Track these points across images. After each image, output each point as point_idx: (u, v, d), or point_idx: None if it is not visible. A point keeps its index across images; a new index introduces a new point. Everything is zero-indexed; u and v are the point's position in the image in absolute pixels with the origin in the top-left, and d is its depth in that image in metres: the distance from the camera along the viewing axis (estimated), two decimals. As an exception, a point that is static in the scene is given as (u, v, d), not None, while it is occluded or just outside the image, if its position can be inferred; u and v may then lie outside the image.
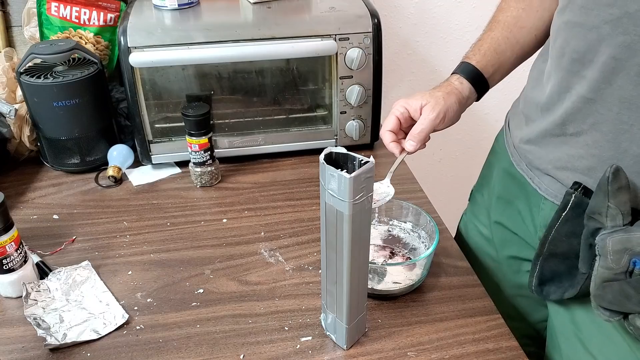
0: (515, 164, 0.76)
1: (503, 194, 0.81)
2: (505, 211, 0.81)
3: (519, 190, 0.77)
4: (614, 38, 0.56)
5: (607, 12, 0.56)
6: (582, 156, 0.63)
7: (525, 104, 0.75)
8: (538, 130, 0.70)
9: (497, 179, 0.83)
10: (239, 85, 1.00)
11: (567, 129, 0.64)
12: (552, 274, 0.68)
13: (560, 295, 0.67)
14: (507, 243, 0.82)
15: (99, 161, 1.00)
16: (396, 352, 0.65)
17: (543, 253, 0.68)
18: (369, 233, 0.59)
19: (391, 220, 0.80)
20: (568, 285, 0.66)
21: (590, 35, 0.59)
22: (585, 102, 0.61)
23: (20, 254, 0.72)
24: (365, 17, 0.95)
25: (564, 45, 0.63)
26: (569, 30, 0.62)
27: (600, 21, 0.57)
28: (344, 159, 0.57)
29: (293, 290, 0.74)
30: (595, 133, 0.61)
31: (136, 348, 0.66)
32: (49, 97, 0.92)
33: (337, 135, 1.03)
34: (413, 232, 0.79)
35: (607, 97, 0.59)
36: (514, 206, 0.79)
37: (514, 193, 0.78)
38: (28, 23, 1.07)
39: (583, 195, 0.62)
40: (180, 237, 0.84)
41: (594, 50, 0.59)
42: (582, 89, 0.61)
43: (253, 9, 0.99)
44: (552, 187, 0.69)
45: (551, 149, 0.68)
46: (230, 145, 1.01)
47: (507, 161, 0.79)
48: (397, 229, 0.80)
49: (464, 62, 0.80)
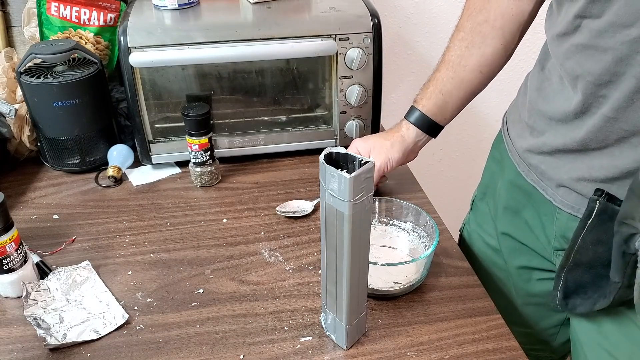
0: (524, 174, 0.75)
1: (510, 205, 0.80)
2: (513, 222, 0.80)
3: (526, 200, 0.76)
4: (633, 58, 0.55)
5: (624, 33, 0.55)
6: (604, 167, 0.62)
7: (531, 116, 0.73)
8: (553, 145, 0.68)
9: (503, 190, 0.81)
10: (239, 85, 1.00)
11: (589, 144, 0.63)
12: (576, 286, 0.67)
13: (589, 307, 0.65)
14: (516, 253, 0.81)
15: (99, 161, 1.00)
16: (396, 352, 0.65)
17: (568, 264, 0.65)
18: (369, 233, 0.59)
19: (391, 220, 0.80)
20: (597, 296, 0.64)
21: (606, 57, 0.58)
22: (608, 120, 0.60)
23: (20, 254, 0.72)
24: (365, 17, 0.94)
25: (576, 67, 0.62)
26: (581, 53, 0.61)
27: (617, 42, 0.56)
28: (344, 159, 0.57)
29: (293, 290, 0.74)
30: (623, 145, 0.60)
31: (136, 348, 0.66)
32: (49, 97, 0.92)
33: (337, 135, 1.03)
34: (413, 232, 0.79)
35: (630, 115, 0.58)
36: (521, 217, 0.78)
37: (522, 203, 0.77)
38: (28, 23, 1.07)
39: (607, 202, 0.60)
40: (180, 237, 0.84)
41: (612, 71, 0.58)
42: (605, 109, 0.60)
43: (253, 9, 0.99)
44: (568, 198, 0.68)
45: (568, 161, 0.67)
46: (230, 145, 1.01)
47: (512, 171, 0.78)
48: (397, 229, 0.80)
49: (412, 107, 0.84)
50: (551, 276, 0.73)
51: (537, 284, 0.79)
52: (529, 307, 0.84)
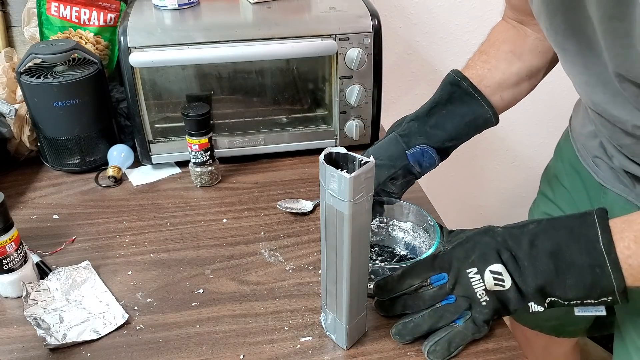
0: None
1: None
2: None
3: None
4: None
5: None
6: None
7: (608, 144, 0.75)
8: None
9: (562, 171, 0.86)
10: (239, 85, 1.00)
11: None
12: None
13: None
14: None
15: (99, 161, 1.00)
16: (396, 352, 0.65)
17: None
18: (369, 233, 0.59)
19: (391, 220, 0.80)
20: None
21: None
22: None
23: (20, 254, 0.72)
24: (365, 17, 0.95)
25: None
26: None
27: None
28: (344, 159, 0.57)
29: (293, 290, 0.74)
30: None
31: (136, 348, 0.66)
32: (49, 97, 0.92)
33: (337, 135, 1.03)
34: (413, 232, 0.79)
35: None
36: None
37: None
38: (28, 23, 1.07)
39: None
40: (180, 237, 0.84)
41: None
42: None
43: (253, 9, 0.99)
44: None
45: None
46: (230, 145, 1.01)
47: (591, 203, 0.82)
48: (397, 229, 0.80)
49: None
50: None
51: None
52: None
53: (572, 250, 0.56)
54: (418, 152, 0.76)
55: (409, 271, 0.63)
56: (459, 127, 0.76)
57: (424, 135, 0.76)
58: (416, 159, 0.76)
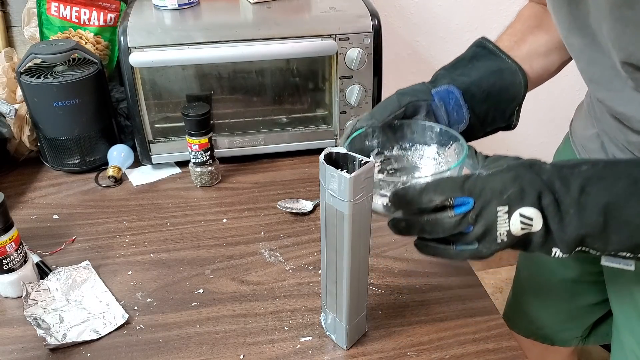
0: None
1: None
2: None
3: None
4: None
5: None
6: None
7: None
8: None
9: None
10: (239, 85, 1.00)
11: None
12: None
13: None
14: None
15: (99, 161, 1.00)
16: (396, 352, 0.65)
17: None
18: (369, 233, 0.59)
19: (413, 145, 0.71)
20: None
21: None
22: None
23: (20, 254, 0.72)
24: (365, 17, 0.95)
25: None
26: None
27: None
28: (344, 159, 0.57)
29: (293, 290, 0.74)
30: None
31: (136, 348, 0.66)
32: (49, 97, 0.92)
33: (337, 135, 1.03)
34: (439, 156, 0.70)
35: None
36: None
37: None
38: (28, 23, 1.07)
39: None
40: (180, 237, 0.84)
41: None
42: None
43: (253, 9, 0.99)
44: None
45: None
46: (230, 145, 1.01)
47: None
48: (417, 158, 0.71)
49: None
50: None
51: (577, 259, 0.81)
52: (566, 282, 0.85)
53: (632, 206, 0.48)
54: (443, 91, 0.70)
55: (433, 185, 0.54)
56: (484, 75, 0.71)
57: (448, 78, 0.72)
58: (441, 97, 0.70)
